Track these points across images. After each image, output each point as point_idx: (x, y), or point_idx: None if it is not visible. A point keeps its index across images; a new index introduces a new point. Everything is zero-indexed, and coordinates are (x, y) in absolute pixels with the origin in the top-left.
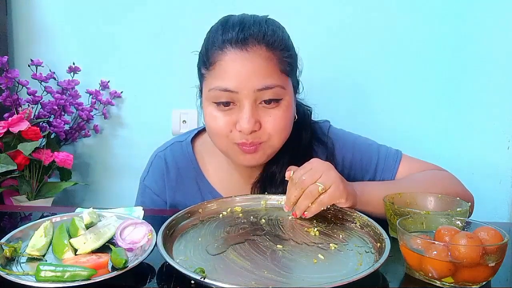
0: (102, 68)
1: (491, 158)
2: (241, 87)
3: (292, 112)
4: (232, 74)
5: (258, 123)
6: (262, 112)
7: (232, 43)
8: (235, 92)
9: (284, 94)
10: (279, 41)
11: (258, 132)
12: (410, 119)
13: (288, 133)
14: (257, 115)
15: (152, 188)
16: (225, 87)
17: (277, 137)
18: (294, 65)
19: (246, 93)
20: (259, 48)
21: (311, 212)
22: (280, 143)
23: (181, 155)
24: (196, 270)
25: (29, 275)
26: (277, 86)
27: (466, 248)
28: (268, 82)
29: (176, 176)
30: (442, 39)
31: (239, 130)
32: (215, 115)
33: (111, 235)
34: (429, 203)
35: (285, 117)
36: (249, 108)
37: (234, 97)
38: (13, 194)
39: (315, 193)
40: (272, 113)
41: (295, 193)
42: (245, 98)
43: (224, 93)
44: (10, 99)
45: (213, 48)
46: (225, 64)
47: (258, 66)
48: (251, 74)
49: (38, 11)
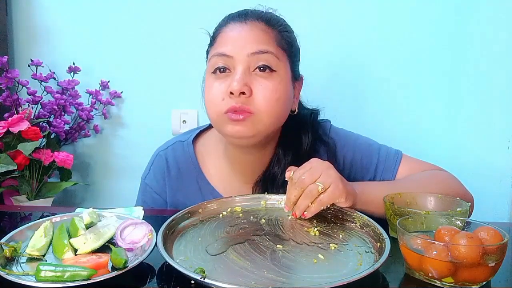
0: (102, 68)
1: (491, 158)
2: (235, 51)
3: (287, 92)
4: (229, 40)
5: (248, 87)
6: (254, 80)
7: (235, 19)
8: (230, 56)
9: (278, 67)
10: (278, 21)
11: (247, 98)
12: (410, 119)
13: (278, 114)
14: (248, 80)
15: (153, 187)
16: (222, 51)
17: (266, 111)
18: (293, 48)
19: (240, 58)
20: (257, 22)
21: (310, 212)
22: (269, 120)
23: (182, 155)
24: (196, 270)
25: (29, 275)
26: (271, 53)
27: (466, 248)
28: (261, 47)
29: (177, 176)
30: (442, 39)
31: (230, 91)
32: (212, 85)
33: (111, 235)
34: (429, 203)
35: (276, 90)
36: (241, 71)
37: (229, 63)
38: (13, 194)
39: (314, 193)
40: (264, 82)
41: (295, 193)
42: (239, 62)
43: (220, 57)
44: (10, 99)
45: (218, 28)
46: (225, 34)
47: (254, 34)
48: (246, 40)
49: (38, 11)
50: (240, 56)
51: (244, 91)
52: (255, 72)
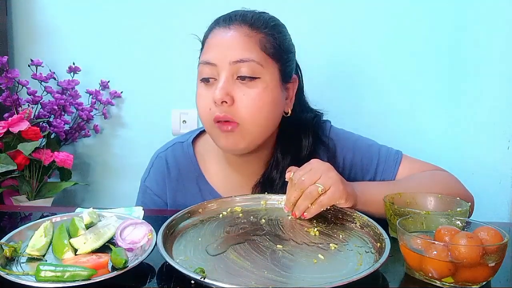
0: (102, 68)
1: (491, 158)
2: (218, 59)
3: (272, 97)
4: (213, 47)
5: (230, 96)
6: (237, 88)
7: (220, 24)
8: (213, 64)
9: (262, 73)
10: (263, 22)
11: (231, 107)
12: (410, 119)
13: (265, 120)
14: (231, 89)
15: (153, 189)
16: (206, 59)
17: (251, 121)
18: (283, 51)
19: (223, 65)
20: (241, 26)
21: (310, 213)
22: (257, 129)
23: (182, 156)
24: (196, 270)
25: (29, 275)
26: (253, 61)
27: (466, 248)
28: (243, 56)
29: (177, 177)
30: (443, 39)
31: (214, 101)
32: (200, 93)
33: (111, 235)
34: (429, 203)
35: (260, 98)
36: (224, 80)
37: (214, 71)
38: (13, 194)
39: (314, 194)
40: (246, 91)
41: (295, 194)
42: (222, 70)
43: (206, 66)
44: (10, 99)
45: (207, 33)
46: (210, 40)
47: (237, 40)
48: (229, 46)
49: (38, 11)
50: (223, 64)
51: (226, 100)
52: (238, 80)
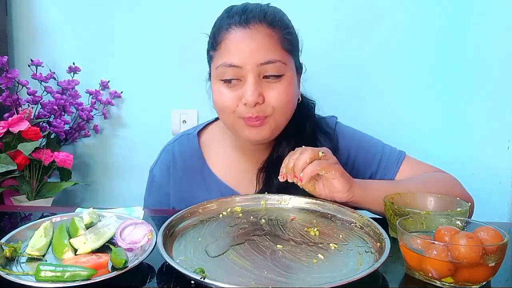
0: (102, 68)
1: (491, 158)
2: (244, 62)
3: (295, 89)
4: (236, 50)
5: (262, 96)
6: (265, 86)
7: (236, 23)
8: (239, 67)
9: (285, 70)
10: (279, 20)
11: (262, 105)
12: (410, 119)
13: (291, 110)
14: (260, 89)
15: (157, 177)
16: (230, 62)
17: (281, 112)
18: (295, 45)
19: (250, 67)
20: (260, 26)
21: (306, 174)
22: (284, 118)
23: (187, 147)
24: (196, 270)
25: (29, 275)
26: (279, 61)
27: (466, 248)
28: (270, 57)
29: (182, 167)
30: (443, 39)
31: (244, 103)
32: (222, 91)
33: (111, 235)
34: (429, 203)
35: (287, 92)
36: (253, 82)
37: (238, 73)
38: (13, 194)
39: (315, 152)
40: (275, 87)
41: (294, 156)
42: (248, 72)
43: (229, 68)
44: (10, 99)
45: (220, 30)
46: (230, 42)
47: (260, 42)
48: (254, 49)
49: (38, 11)
50: (250, 66)
51: (259, 101)
52: (264, 79)
